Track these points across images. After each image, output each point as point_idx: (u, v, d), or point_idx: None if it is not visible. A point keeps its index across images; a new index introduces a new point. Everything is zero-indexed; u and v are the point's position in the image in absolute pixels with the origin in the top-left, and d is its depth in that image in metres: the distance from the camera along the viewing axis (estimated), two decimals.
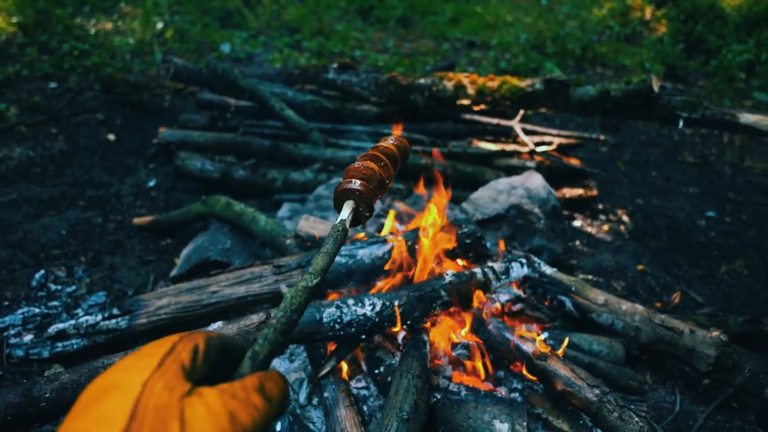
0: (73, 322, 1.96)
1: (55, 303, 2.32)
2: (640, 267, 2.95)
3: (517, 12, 8.71)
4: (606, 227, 3.37)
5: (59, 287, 2.42)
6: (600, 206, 3.62)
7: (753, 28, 7.01)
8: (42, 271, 2.50)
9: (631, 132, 5.14)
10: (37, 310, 2.24)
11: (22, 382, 1.51)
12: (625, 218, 3.53)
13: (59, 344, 1.96)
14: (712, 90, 6.25)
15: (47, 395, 1.49)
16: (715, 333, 1.77)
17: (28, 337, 2.02)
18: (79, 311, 2.27)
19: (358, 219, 0.96)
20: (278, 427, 1.70)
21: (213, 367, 0.54)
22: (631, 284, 2.79)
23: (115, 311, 1.94)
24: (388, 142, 1.07)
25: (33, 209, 3.02)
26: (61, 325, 1.96)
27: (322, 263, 0.80)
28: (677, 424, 1.90)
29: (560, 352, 1.73)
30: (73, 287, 2.43)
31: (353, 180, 0.94)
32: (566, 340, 1.89)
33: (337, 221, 0.90)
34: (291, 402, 1.75)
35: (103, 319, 1.93)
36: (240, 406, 0.48)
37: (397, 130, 1.31)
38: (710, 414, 1.94)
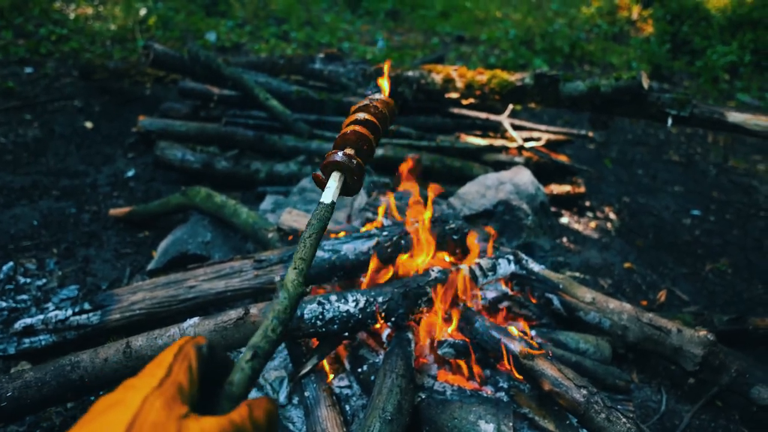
0: (41, 317, 1.87)
1: (24, 297, 2.21)
2: (626, 264, 2.94)
3: (506, 8, 8.68)
4: (593, 224, 3.36)
5: (29, 280, 2.31)
6: (587, 203, 3.61)
7: (737, 30, 7.09)
8: (11, 263, 2.38)
9: (618, 130, 5.15)
10: (4, 304, 2.14)
11: None
12: (612, 216, 3.52)
13: (26, 340, 1.86)
14: (696, 90, 6.30)
15: (9, 394, 1.41)
16: (702, 332, 1.75)
17: None
18: (50, 305, 2.17)
19: (348, 191, 0.93)
20: None
21: (201, 380, 0.56)
22: (617, 282, 2.78)
23: (87, 306, 1.85)
24: (378, 102, 1.02)
25: (3, 198, 2.89)
26: (28, 320, 1.87)
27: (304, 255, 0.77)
28: (663, 424, 1.88)
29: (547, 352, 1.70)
30: (44, 280, 2.33)
31: (337, 151, 0.89)
32: (551, 347, 1.86)
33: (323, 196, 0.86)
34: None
35: (74, 314, 1.84)
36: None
37: (385, 81, 1.19)
38: (695, 413, 1.93)
